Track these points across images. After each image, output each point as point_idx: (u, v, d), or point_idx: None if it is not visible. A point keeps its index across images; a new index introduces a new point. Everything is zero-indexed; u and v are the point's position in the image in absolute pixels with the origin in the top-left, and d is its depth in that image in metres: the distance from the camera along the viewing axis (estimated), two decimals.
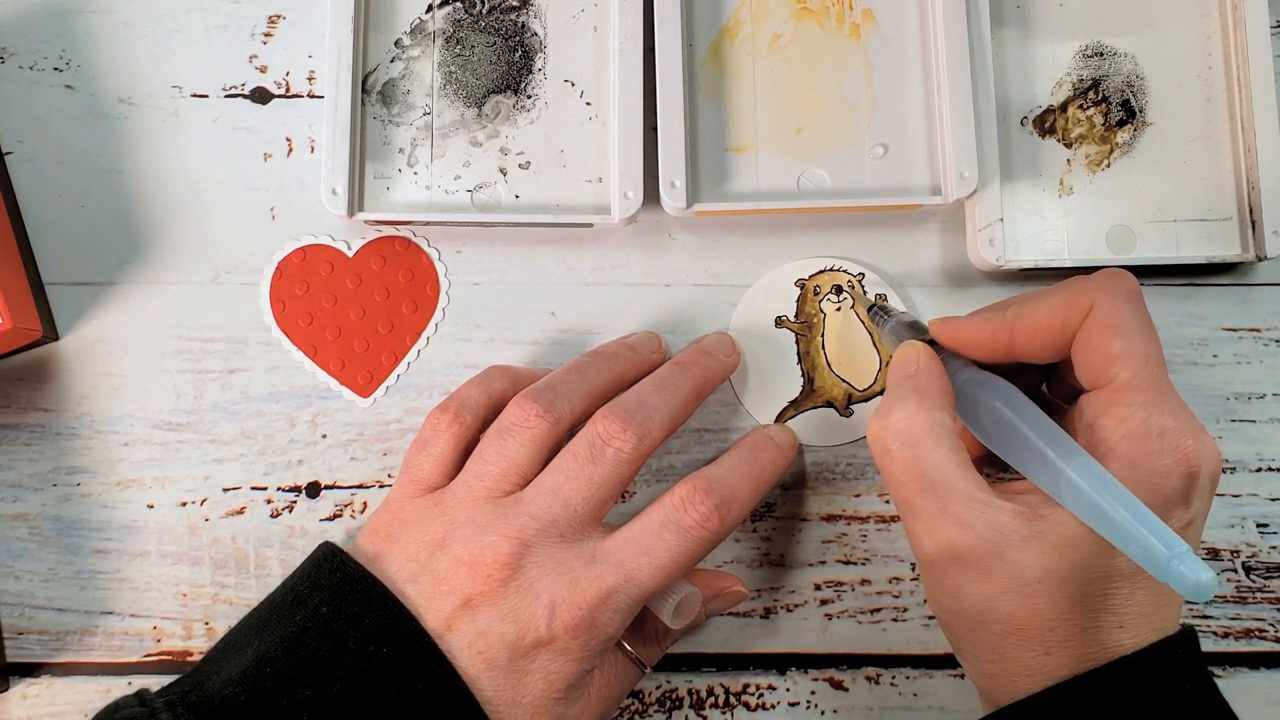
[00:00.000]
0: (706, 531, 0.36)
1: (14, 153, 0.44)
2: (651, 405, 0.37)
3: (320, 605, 0.34)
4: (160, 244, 0.44)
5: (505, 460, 0.36)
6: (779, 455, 0.40)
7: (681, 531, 0.35)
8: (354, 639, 0.33)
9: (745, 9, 0.44)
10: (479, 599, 0.34)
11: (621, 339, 0.42)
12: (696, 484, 0.36)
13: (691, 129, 0.43)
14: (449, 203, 0.43)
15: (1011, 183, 0.44)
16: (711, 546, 0.36)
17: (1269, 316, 0.45)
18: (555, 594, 0.34)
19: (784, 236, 0.45)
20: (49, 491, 0.43)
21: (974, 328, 0.36)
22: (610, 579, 0.34)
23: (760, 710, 0.43)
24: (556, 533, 0.35)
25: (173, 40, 0.45)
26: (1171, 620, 0.32)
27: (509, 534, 0.34)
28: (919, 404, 0.34)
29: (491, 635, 0.33)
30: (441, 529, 0.35)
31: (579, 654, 0.34)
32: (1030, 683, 0.32)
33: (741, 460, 0.38)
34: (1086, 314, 0.33)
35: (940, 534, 0.32)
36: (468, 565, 0.34)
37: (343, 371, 0.44)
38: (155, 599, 0.43)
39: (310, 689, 0.32)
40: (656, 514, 0.36)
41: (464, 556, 0.34)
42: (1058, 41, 0.45)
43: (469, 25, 0.44)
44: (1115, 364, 0.33)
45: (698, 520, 0.35)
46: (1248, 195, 0.43)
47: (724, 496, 0.36)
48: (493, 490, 0.36)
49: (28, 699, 0.42)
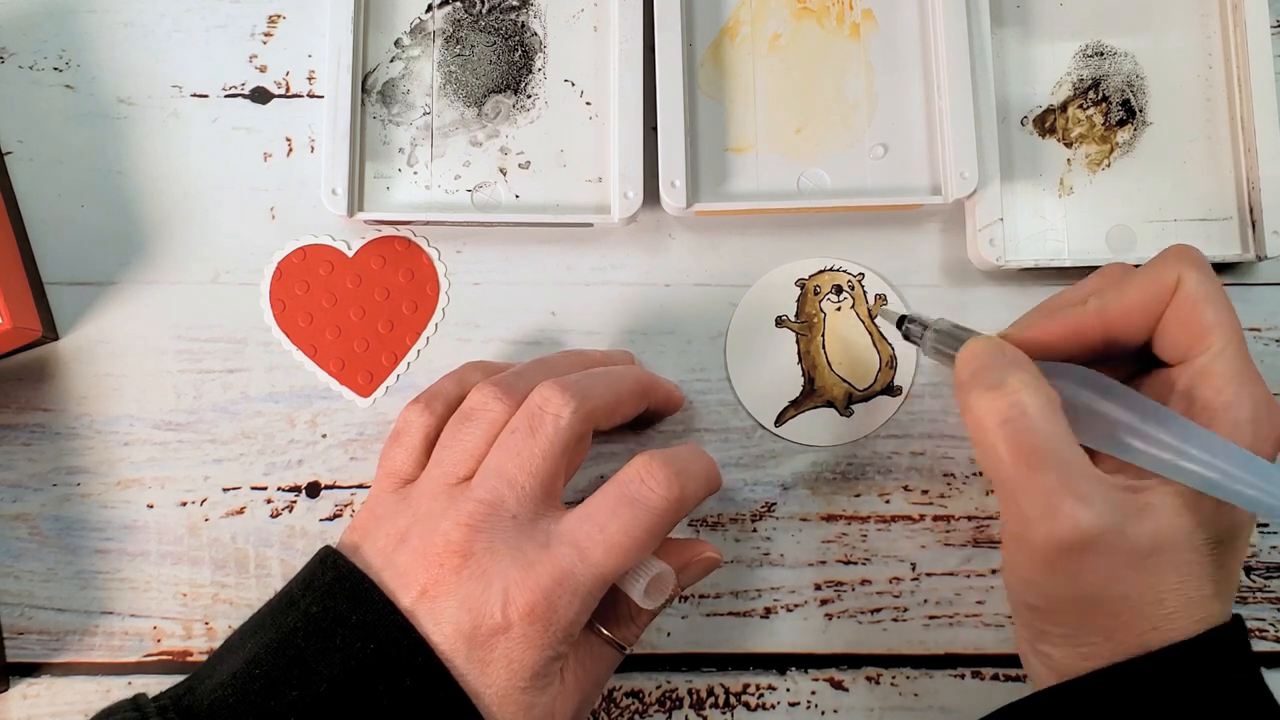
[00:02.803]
0: (665, 502, 0.34)
1: (14, 153, 0.44)
2: (592, 378, 0.37)
3: (311, 605, 0.34)
4: (160, 244, 0.44)
5: (461, 446, 0.36)
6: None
7: (637, 504, 0.34)
8: (341, 636, 0.33)
9: (745, 9, 0.44)
10: (434, 589, 0.33)
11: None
12: (653, 455, 0.35)
13: (691, 129, 0.43)
14: (449, 203, 0.43)
15: (1011, 182, 0.44)
16: (672, 520, 0.35)
17: (1269, 316, 0.45)
18: (508, 579, 0.33)
19: (784, 236, 0.45)
20: (49, 491, 0.43)
21: (1055, 328, 0.35)
22: (565, 560, 0.33)
23: (760, 710, 0.43)
24: (508, 514, 0.34)
25: (173, 40, 0.45)
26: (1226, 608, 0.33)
27: (459, 521, 0.34)
28: (1027, 379, 0.33)
29: (448, 626, 0.33)
30: (405, 522, 0.35)
31: (540, 640, 0.33)
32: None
33: (690, 446, 0.37)
34: (1174, 289, 0.34)
35: (1063, 513, 0.31)
36: (422, 556, 0.34)
37: (343, 371, 0.44)
38: (155, 599, 0.43)
39: (297, 688, 0.32)
40: (611, 489, 0.35)
41: (419, 548, 0.34)
42: (1058, 41, 0.45)
43: (469, 25, 0.44)
44: (1210, 334, 0.33)
45: (655, 489, 0.34)
46: (1248, 195, 0.43)
47: (680, 469, 0.35)
48: (449, 477, 0.35)
49: (28, 699, 0.42)
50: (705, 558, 0.38)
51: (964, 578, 0.43)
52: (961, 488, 0.44)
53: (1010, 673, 0.43)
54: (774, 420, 0.44)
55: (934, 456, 0.44)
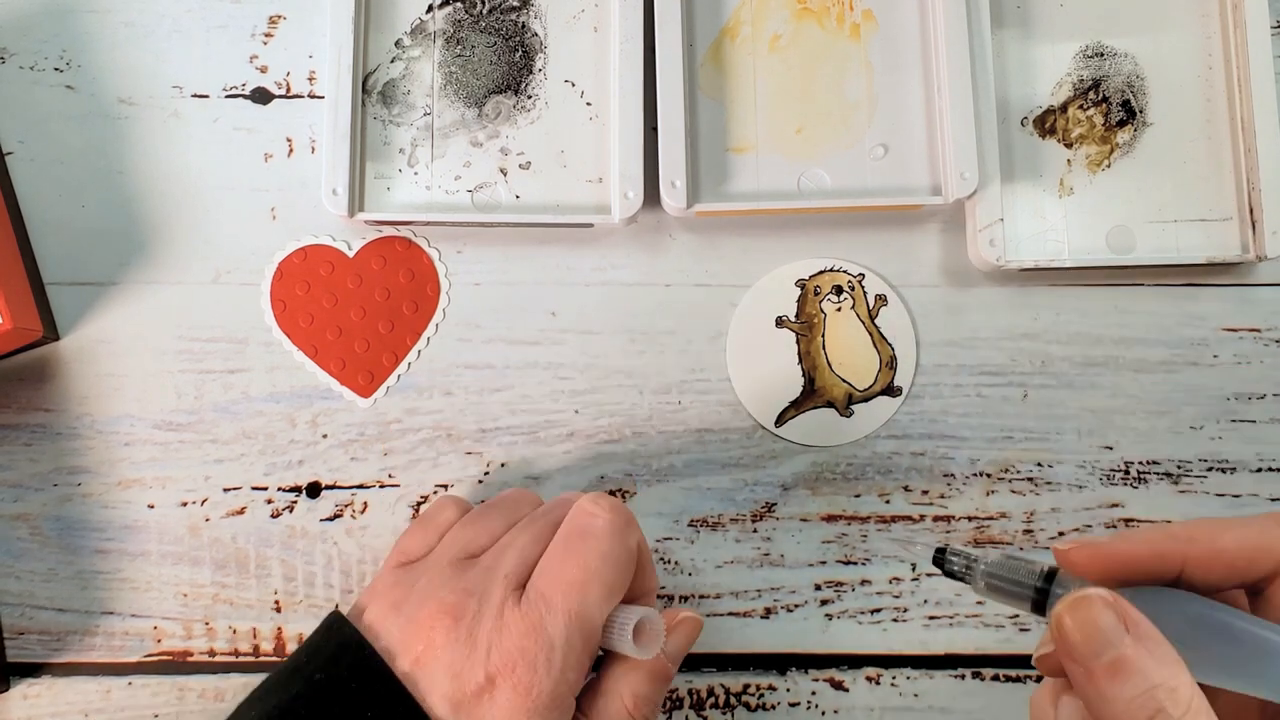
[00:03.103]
0: (611, 524, 0.35)
1: (14, 153, 0.44)
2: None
3: (315, 672, 0.34)
4: (160, 244, 0.44)
5: (474, 530, 0.37)
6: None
7: (586, 535, 0.35)
8: (341, 704, 0.33)
9: (745, 9, 0.44)
10: (427, 654, 0.34)
11: None
12: (591, 493, 0.36)
13: (691, 129, 0.43)
14: (449, 203, 0.43)
15: (1012, 183, 0.44)
16: (624, 547, 0.35)
17: (1269, 316, 0.45)
18: (490, 641, 0.33)
19: (784, 236, 0.45)
20: (49, 491, 0.43)
21: (1130, 548, 0.30)
22: (533, 614, 0.33)
23: (760, 710, 0.43)
24: (500, 576, 0.35)
25: (173, 40, 0.45)
26: None
27: (455, 587, 0.35)
28: (1174, 670, 0.26)
29: (442, 688, 0.33)
30: (405, 591, 0.36)
31: (524, 702, 0.33)
32: None
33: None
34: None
35: None
36: (417, 622, 0.34)
37: (343, 371, 0.44)
38: (155, 599, 0.43)
39: None
40: (560, 534, 0.35)
41: (415, 614, 0.35)
42: (1058, 42, 0.45)
43: (469, 25, 0.44)
44: None
45: (599, 514, 0.35)
46: (1248, 195, 0.43)
47: (615, 500, 0.36)
48: (457, 555, 0.37)
49: (28, 699, 0.42)
50: (685, 619, 0.38)
51: None
52: (961, 488, 0.44)
53: (1010, 673, 0.43)
54: (774, 420, 0.44)
55: (934, 456, 0.44)
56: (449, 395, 0.44)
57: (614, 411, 0.44)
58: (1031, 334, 0.44)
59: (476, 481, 0.43)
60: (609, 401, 0.44)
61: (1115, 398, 0.44)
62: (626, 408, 0.44)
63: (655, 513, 0.44)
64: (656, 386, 0.44)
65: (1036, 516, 0.44)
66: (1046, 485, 0.44)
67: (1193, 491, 0.44)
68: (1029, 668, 0.43)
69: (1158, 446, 0.44)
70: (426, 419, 0.44)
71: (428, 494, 0.43)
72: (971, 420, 0.44)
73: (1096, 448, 0.44)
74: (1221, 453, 0.44)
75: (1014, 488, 0.44)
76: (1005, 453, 0.44)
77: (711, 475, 0.44)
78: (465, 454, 0.44)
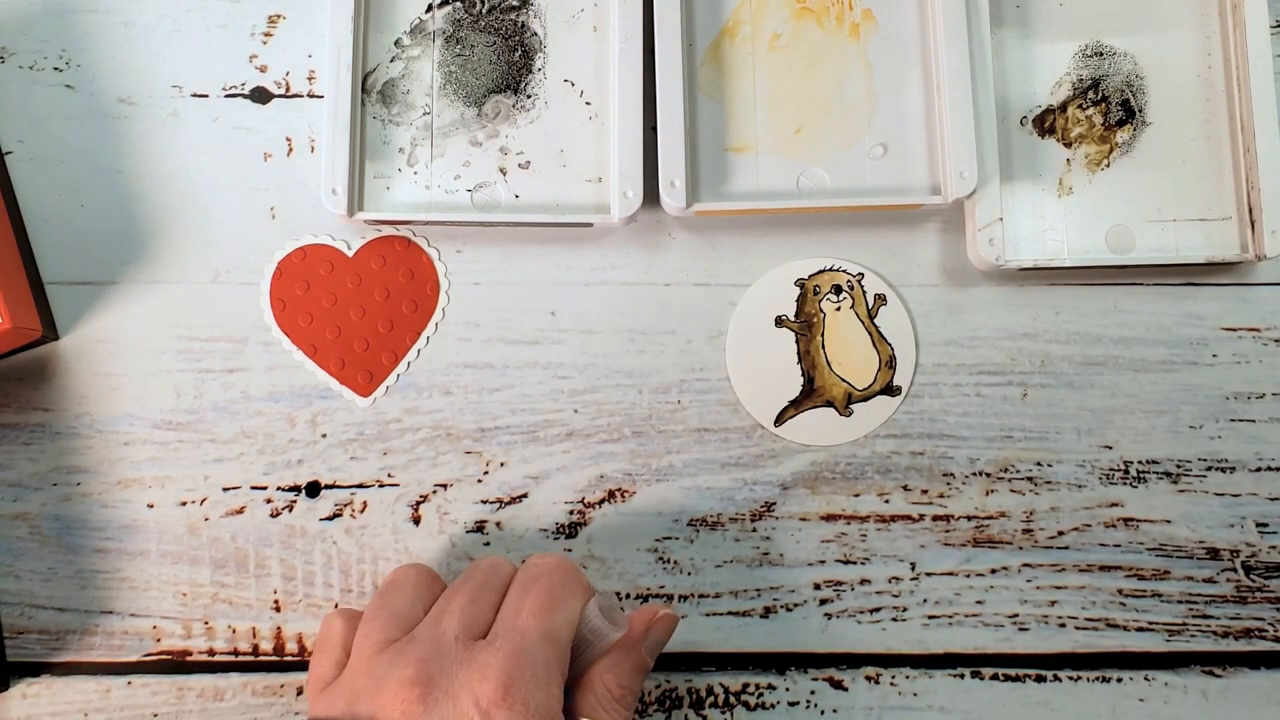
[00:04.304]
0: (560, 560, 0.37)
1: (14, 152, 0.44)
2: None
3: None
4: (160, 244, 0.44)
5: (399, 621, 0.37)
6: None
7: (540, 577, 0.36)
8: None
9: (745, 9, 0.44)
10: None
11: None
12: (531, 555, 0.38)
13: (691, 129, 0.43)
14: (449, 202, 0.43)
15: (1011, 182, 0.44)
16: (575, 573, 0.36)
17: (1269, 316, 0.45)
18: (472, 686, 0.33)
19: (784, 236, 0.45)
20: (49, 491, 0.43)
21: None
22: (508, 645, 0.34)
23: (760, 710, 0.43)
24: (449, 638, 0.35)
25: (173, 40, 0.45)
26: None
27: (411, 659, 0.34)
28: None
29: None
30: (364, 680, 0.36)
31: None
32: None
33: None
34: None
35: None
36: (383, 702, 0.34)
37: (343, 371, 0.44)
38: (155, 598, 0.43)
39: None
40: (515, 583, 0.37)
41: (376, 697, 0.34)
42: (1057, 41, 0.45)
43: (469, 25, 0.44)
44: None
45: (547, 559, 0.37)
46: (1247, 195, 0.43)
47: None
48: (386, 642, 0.36)
49: (28, 699, 0.42)
50: (663, 616, 0.38)
51: (963, 578, 0.43)
52: (961, 488, 0.44)
53: (1010, 673, 0.43)
54: (774, 420, 0.44)
55: (934, 456, 0.44)
56: (448, 395, 0.44)
57: (613, 411, 0.44)
58: (1031, 333, 0.45)
59: (476, 481, 0.43)
60: (608, 401, 0.44)
61: (1114, 397, 0.44)
62: (626, 407, 0.44)
63: (655, 512, 0.44)
64: (656, 386, 0.44)
65: (1036, 516, 0.44)
66: (1046, 485, 0.44)
67: (1192, 490, 0.44)
68: (1029, 667, 0.43)
69: (1157, 446, 0.44)
70: (426, 418, 0.44)
71: (427, 493, 0.43)
72: (971, 420, 0.44)
73: (1096, 447, 0.44)
74: (1221, 452, 0.44)
75: (1013, 487, 0.44)
76: (1005, 452, 0.44)
77: (711, 475, 0.44)
78: (464, 453, 0.44)
